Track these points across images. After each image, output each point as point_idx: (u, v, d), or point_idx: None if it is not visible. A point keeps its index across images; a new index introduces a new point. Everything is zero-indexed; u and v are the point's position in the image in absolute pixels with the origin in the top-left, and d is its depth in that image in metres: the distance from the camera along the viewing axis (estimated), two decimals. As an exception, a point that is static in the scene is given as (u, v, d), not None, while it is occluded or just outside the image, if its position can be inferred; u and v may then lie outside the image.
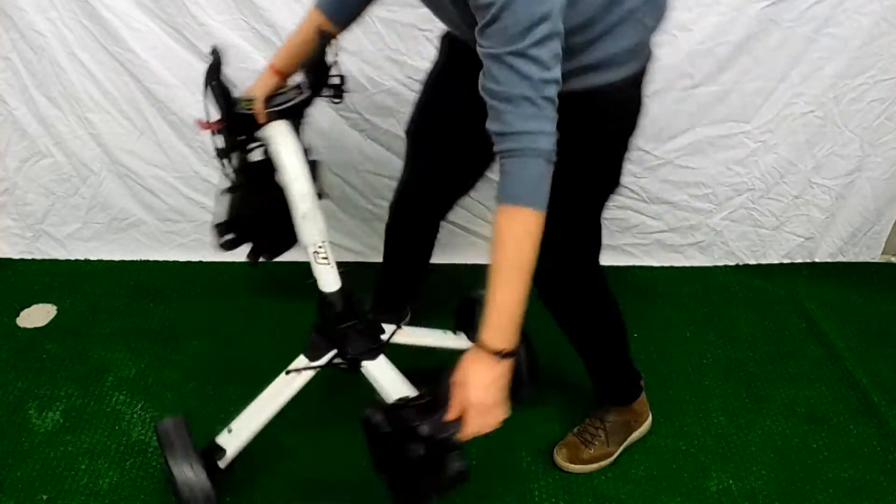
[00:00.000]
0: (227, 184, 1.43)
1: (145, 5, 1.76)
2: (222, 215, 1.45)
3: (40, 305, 1.95)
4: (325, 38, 1.28)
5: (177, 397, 1.69)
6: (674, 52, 1.84)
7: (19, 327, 1.88)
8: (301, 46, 1.34)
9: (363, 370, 1.43)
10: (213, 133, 1.35)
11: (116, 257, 2.13)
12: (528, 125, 0.96)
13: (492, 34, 0.94)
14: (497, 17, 0.92)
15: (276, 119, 1.33)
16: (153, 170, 1.99)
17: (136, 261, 2.13)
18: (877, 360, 1.89)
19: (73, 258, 2.12)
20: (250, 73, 1.82)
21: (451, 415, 1.03)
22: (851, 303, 2.10)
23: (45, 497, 1.46)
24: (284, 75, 1.37)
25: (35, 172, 1.99)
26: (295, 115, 1.35)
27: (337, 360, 1.44)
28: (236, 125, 1.34)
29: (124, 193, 2.04)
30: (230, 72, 1.82)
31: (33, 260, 2.12)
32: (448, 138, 1.47)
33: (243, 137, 1.38)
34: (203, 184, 2.02)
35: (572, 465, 1.54)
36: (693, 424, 1.68)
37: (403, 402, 1.10)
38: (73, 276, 2.06)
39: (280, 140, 1.32)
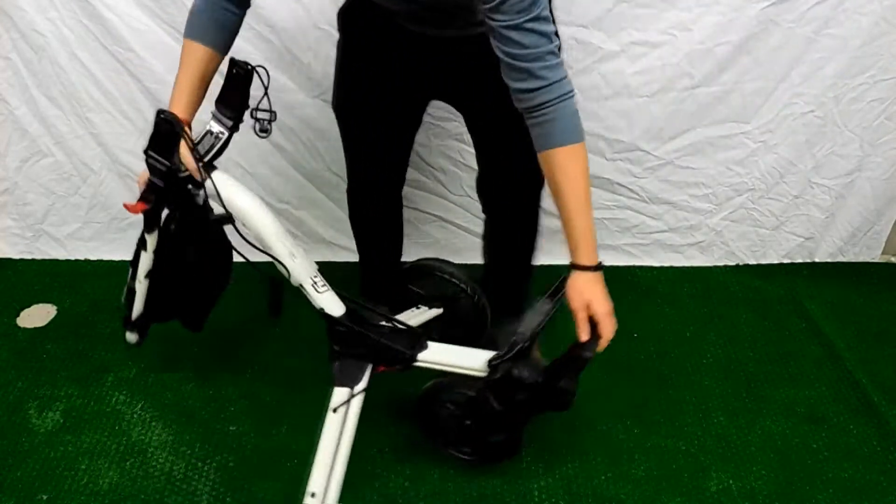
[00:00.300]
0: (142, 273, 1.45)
1: (146, 5, 1.76)
2: (139, 302, 1.50)
3: (40, 305, 1.95)
4: (249, 76, 1.25)
5: (177, 397, 1.69)
6: (673, 52, 1.84)
7: (19, 327, 1.88)
8: (200, 90, 1.28)
9: (419, 363, 1.40)
10: (145, 211, 1.30)
11: (116, 257, 2.13)
12: (558, 74, 1.11)
13: (507, 9, 1.06)
14: None
15: (212, 171, 1.28)
16: (153, 170, 2.00)
17: (137, 261, 2.13)
18: (877, 360, 1.89)
19: (73, 258, 2.12)
20: (250, 73, 1.84)
21: (585, 334, 1.21)
22: (851, 303, 2.10)
23: (45, 497, 1.46)
24: (189, 124, 1.30)
25: (35, 172, 1.99)
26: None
27: (389, 369, 1.40)
28: (174, 192, 1.28)
29: (125, 193, 2.04)
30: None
31: (33, 260, 2.12)
32: (379, 109, 1.46)
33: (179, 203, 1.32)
34: (203, 184, 2.02)
35: None
36: (693, 424, 1.68)
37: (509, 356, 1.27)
38: (73, 276, 2.06)
39: (232, 189, 1.28)
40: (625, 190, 2.08)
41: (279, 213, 2.06)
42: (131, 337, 1.63)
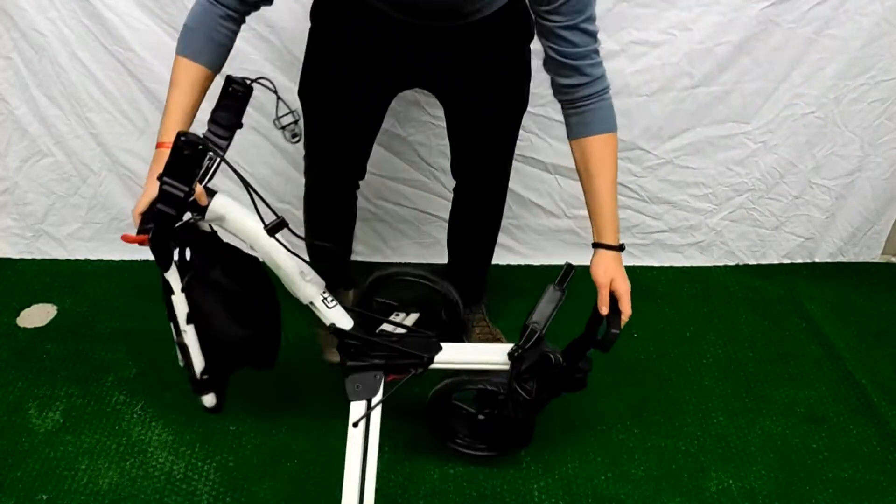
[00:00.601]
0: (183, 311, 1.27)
1: (146, 5, 1.76)
2: (196, 355, 1.30)
3: (40, 305, 1.95)
4: (248, 93, 1.21)
5: (177, 397, 1.69)
6: (673, 51, 1.84)
7: (19, 327, 1.88)
8: (193, 110, 1.23)
9: (437, 364, 1.40)
10: (155, 248, 1.19)
11: (116, 257, 2.13)
12: (600, 70, 1.23)
13: (567, 10, 1.15)
14: None
15: (213, 195, 1.22)
16: (153, 170, 2.00)
17: (136, 261, 2.13)
18: (877, 360, 1.89)
19: (73, 258, 2.12)
20: (249, 74, 1.83)
21: (606, 308, 1.28)
22: (851, 303, 2.10)
23: (45, 497, 1.46)
24: None
25: (35, 172, 1.99)
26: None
27: (406, 374, 1.39)
28: (178, 220, 1.19)
29: (124, 193, 2.04)
30: (230, 72, 1.84)
31: (33, 260, 2.12)
32: (350, 97, 1.45)
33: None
34: (203, 184, 2.02)
35: None
36: (693, 424, 1.68)
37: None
38: (73, 276, 2.06)
39: (235, 212, 1.23)
40: (625, 189, 2.08)
41: (280, 212, 2.05)
42: (208, 400, 1.38)
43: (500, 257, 2.14)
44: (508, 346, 1.36)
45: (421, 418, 1.67)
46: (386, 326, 1.47)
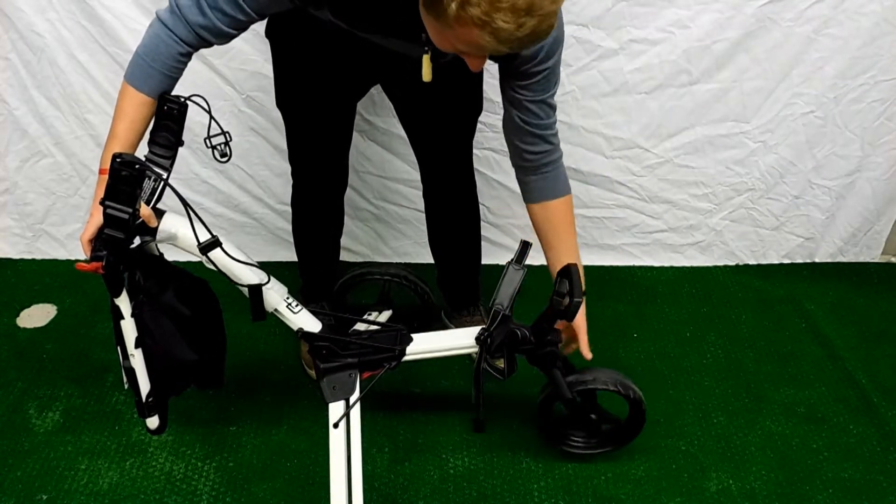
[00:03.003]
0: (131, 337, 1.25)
1: (144, 6, 1.76)
2: (143, 379, 1.28)
3: (40, 305, 1.95)
4: (184, 111, 1.21)
5: (177, 397, 1.69)
6: (671, 48, 1.84)
7: (19, 327, 1.88)
8: (138, 138, 1.23)
9: (410, 355, 1.44)
10: (105, 273, 1.16)
11: (116, 257, 2.13)
12: (558, 138, 1.34)
13: (536, 87, 1.25)
14: (546, 78, 1.24)
15: (162, 216, 1.21)
16: (153, 170, 2.00)
17: (136, 261, 2.13)
18: (877, 360, 1.89)
19: (73, 258, 2.12)
20: (249, 75, 1.84)
21: (589, 354, 1.44)
22: (851, 303, 2.09)
23: (44, 497, 1.46)
24: None
25: (35, 172, 1.99)
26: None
27: (381, 370, 1.42)
28: (128, 243, 1.16)
29: (124, 194, 2.04)
30: (229, 73, 1.85)
31: (33, 260, 2.12)
32: (315, 105, 1.48)
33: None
34: (202, 185, 2.02)
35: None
36: (693, 424, 1.68)
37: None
38: (73, 276, 2.06)
39: (185, 230, 1.21)
40: (624, 188, 2.08)
41: (280, 215, 2.06)
42: (152, 422, 1.34)
43: (499, 257, 2.14)
44: (476, 330, 1.44)
45: (420, 418, 1.67)
46: (358, 326, 1.49)
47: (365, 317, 1.66)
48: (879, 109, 1.98)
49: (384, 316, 1.71)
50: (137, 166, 1.09)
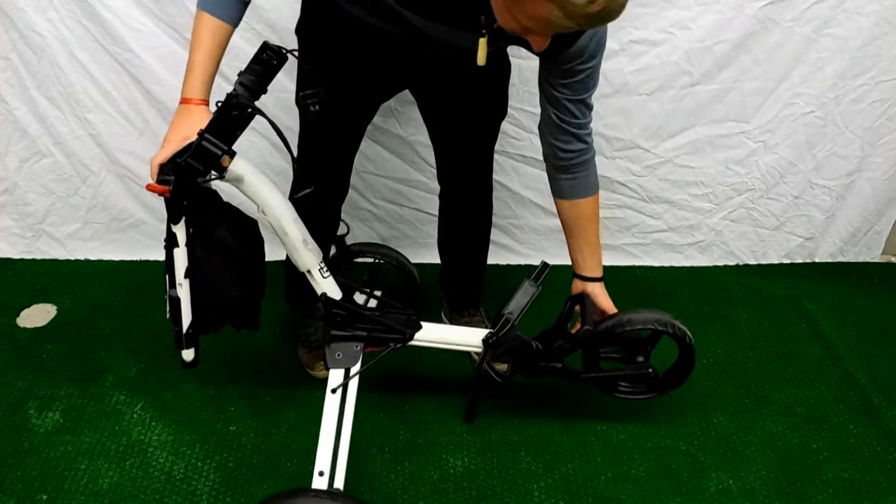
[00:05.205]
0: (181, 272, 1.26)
1: (145, 5, 1.76)
2: (186, 310, 1.28)
3: (40, 305, 1.95)
4: (282, 63, 1.20)
5: (177, 397, 1.69)
6: (672, 49, 1.84)
7: (19, 327, 1.88)
8: (215, 67, 1.23)
9: (416, 341, 1.48)
10: (171, 199, 1.19)
11: (116, 257, 2.13)
12: (592, 137, 1.37)
13: (577, 86, 1.27)
14: (588, 77, 1.26)
15: (233, 156, 1.23)
16: (153, 170, 2.00)
17: (136, 261, 2.13)
18: (877, 360, 1.89)
19: (73, 258, 2.12)
20: (250, 74, 1.84)
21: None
22: (851, 303, 2.09)
23: (44, 497, 1.46)
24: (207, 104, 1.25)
25: (35, 172, 1.99)
26: None
27: (386, 348, 1.46)
28: (203, 175, 1.20)
29: (124, 193, 2.04)
30: (230, 72, 1.84)
31: (33, 260, 2.12)
32: (335, 108, 1.46)
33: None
34: (203, 184, 2.02)
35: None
36: (693, 424, 1.68)
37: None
38: (73, 276, 2.06)
39: (253, 176, 1.26)
40: (624, 188, 2.08)
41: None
42: (188, 354, 1.36)
43: (500, 257, 2.14)
44: (484, 332, 1.48)
45: (420, 418, 1.68)
46: (357, 297, 1.52)
47: (356, 296, 1.66)
48: (879, 109, 1.99)
49: (373, 301, 1.72)
50: (249, 111, 1.15)
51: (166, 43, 1.80)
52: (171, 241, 1.24)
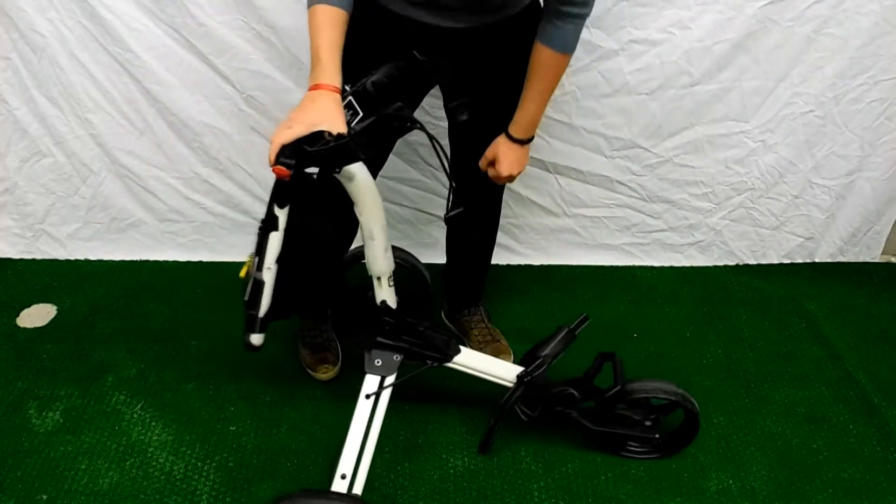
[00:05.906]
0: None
1: (145, 5, 1.76)
2: (267, 296, 1.26)
3: (40, 305, 1.95)
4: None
5: (177, 397, 1.69)
6: (672, 49, 1.84)
7: (19, 327, 1.88)
8: (340, 54, 1.22)
9: (453, 364, 1.51)
10: (285, 182, 1.18)
11: (116, 257, 2.13)
12: (591, 8, 1.32)
13: None
14: None
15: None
16: (153, 170, 1.99)
17: (136, 261, 2.13)
18: (877, 360, 1.89)
19: (73, 258, 2.12)
20: (249, 74, 1.84)
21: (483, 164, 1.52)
22: (851, 303, 2.10)
23: (44, 497, 1.46)
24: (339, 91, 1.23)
25: (35, 172, 1.99)
26: None
27: (422, 364, 1.49)
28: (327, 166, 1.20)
29: (124, 193, 2.04)
30: (229, 72, 1.85)
31: (33, 260, 2.12)
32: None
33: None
34: (203, 184, 2.02)
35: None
36: (693, 424, 1.68)
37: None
38: (73, 276, 2.06)
39: (363, 178, 1.25)
40: (624, 188, 2.08)
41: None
42: (257, 339, 1.32)
43: (500, 257, 2.14)
44: (519, 369, 1.51)
45: (420, 418, 1.67)
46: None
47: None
48: (879, 109, 1.98)
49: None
50: (409, 125, 1.18)
51: (166, 43, 1.80)
52: (269, 224, 1.23)
